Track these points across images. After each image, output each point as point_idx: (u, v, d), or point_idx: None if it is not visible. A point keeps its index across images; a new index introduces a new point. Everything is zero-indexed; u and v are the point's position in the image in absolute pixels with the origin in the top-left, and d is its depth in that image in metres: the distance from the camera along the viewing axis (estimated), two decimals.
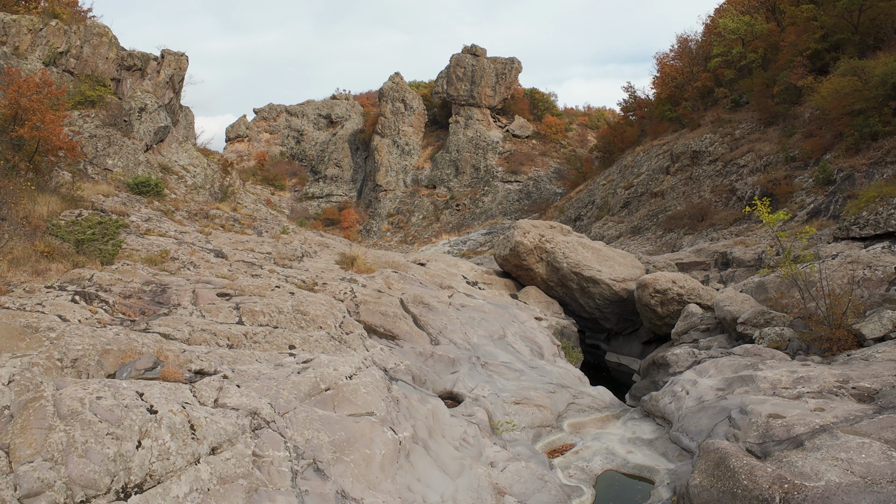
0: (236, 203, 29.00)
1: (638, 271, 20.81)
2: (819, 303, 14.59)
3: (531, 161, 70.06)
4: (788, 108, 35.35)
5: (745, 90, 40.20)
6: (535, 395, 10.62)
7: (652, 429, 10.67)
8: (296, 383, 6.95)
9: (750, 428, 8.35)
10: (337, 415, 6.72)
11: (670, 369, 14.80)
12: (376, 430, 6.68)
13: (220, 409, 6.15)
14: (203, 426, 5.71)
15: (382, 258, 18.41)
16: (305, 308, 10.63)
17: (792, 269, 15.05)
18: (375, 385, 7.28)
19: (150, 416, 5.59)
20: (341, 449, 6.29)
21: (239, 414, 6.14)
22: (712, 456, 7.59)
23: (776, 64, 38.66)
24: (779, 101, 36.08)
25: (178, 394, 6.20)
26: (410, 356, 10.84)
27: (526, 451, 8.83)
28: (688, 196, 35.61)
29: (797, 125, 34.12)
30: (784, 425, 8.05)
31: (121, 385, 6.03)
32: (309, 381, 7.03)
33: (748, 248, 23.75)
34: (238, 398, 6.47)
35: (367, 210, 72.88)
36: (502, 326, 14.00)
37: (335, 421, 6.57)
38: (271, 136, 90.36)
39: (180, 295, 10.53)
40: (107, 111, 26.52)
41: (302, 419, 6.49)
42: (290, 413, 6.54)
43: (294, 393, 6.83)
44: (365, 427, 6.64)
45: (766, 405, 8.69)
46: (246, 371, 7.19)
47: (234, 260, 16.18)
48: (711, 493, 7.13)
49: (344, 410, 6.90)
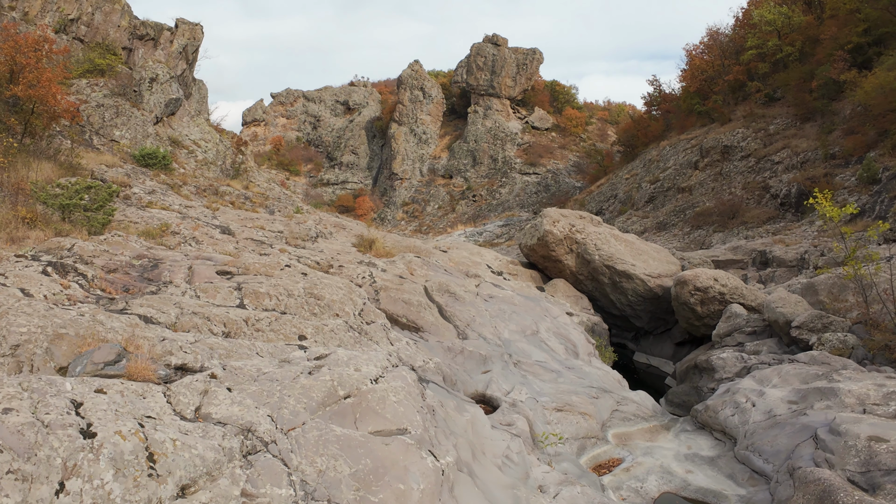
0: (248, 181, 27.80)
1: (674, 267, 19.41)
2: (886, 308, 13.18)
3: (550, 154, 68.44)
4: (827, 104, 33.69)
5: (780, 84, 38.48)
6: (578, 401, 9.30)
7: (710, 444, 9.33)
8: (306, 388, 5.43)
9: (847, 453, 6.99)
10: (360, 433, 5.20)
11: (716, 375, 13.45)
12: (412, 455, 5.09)
13: (201, 425, 4.68)
14: (169, 455, 4.11)
15: (402, 243, 17.13)
16: (320, 291, 9.30)
17: (857, 270, 13.59)
18: (408, 391, 5.80)
19: (83, 441, 3.93)
20: (366, 484, 4.65)
21: (226, 432, 4.57)
22: (812, 488, 6.24)
23: (814, 58, 36.96)
24: (817, 97, 34.43)
25: (139, 403, 4.67)
26: (438, 352, 9.55)
27: (573, 468, 7.53)
28: (717, 192, 34.04)
29: (837, 121, 32.48)
30: (891, 451, 6.70)
31: (55, 388, 4.46)
32: (323, 384, 5.51)
33: (789, 248, 22.26)
34: (228, 407, 4.97)
35: (382, 198, 71.63)
36: (535, 321, 12.69)
37: (358, 443, 5.01)
38: (288, 121, 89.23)
39: (173, 271, 9.25)
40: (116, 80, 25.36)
41: (313, 440, 4.91)
42: (298, 430, 4.99)
43: (303, 401, 5.28)
44: (397, 451, 5.06)
45: (863, 425, 7.33)
46: (241, 369, 5.76)
47: (241, 237, 14.95)
48: None
49: (368, 426, 5.34)
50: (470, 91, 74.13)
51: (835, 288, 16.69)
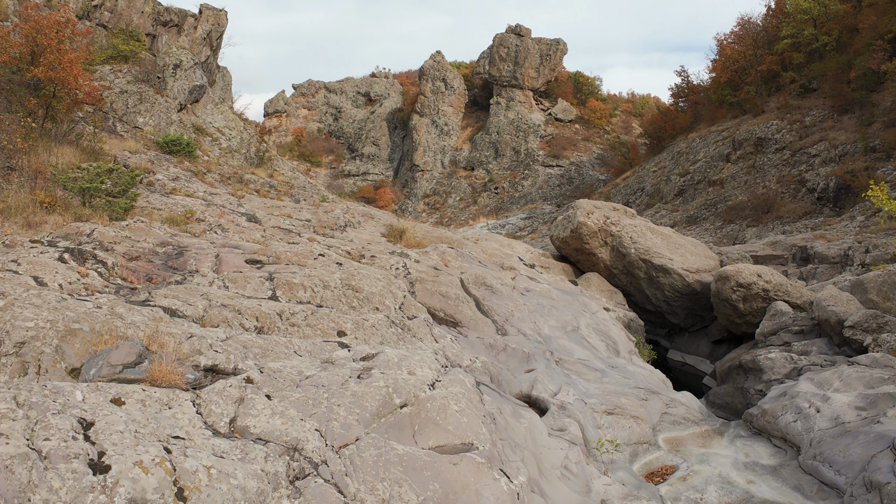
0: (273, 170, 27.47)
1: (712, 262, 18.69)
2: None
3: (573, 146, 67.47)
4: (867, 95, 32.54)
5: (816, 75, 37.33)
6: (628, 404, 8.74)
7: (769, 451, 8.72)
8: (357, 395, 4.73)
9: None
10: (423, 451, 4.48)
11: (763, 376, 12.80)
12: (484, 476, 4.31)
13: (239, 443, 3.94)
14: (203, 489, 3.31)
15: (432, 233, 16.63)
16: (358, 283, 8.82)
17: None
18: (468, 398, 5.12)
19: (93, 478, 3.11)
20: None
21: (269, 451, 3.86)
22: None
23: (852, 47, 35.76)
24: (855, 88, 33.29)
25: (164, 417, 3.92)
26: (479, 349, 9.03)
27: (630, 477, 6.99)
28: (750, 186, 33.07)
29: (876, 113, 31.35)
30: None
31: (61, 400, 3.68)
32: (377, 392, 4.81)
33: (831, 244, 21.38)
34: (268, 419, 4.23)
35: (403, 190, 71.23)
36: (574, 316, 12.13)
37: (423, 463, 4.25)
38: (309, 113, 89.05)
39: (199, 259, 8.79)
40: (140, 67, 25.11)
41: (371, 460, 4.16)
42: (352, 448, 4.25)
43: (355, 412, 4.57)
44: (467, 472, 4.31)
45: None
46: (281, 371, 5.06)
47: (268, 226, 14.55)
48: None
49: (429, 440, 4.65)
50: (492, 82, 73.27)
51: (885, 286, 15.90)
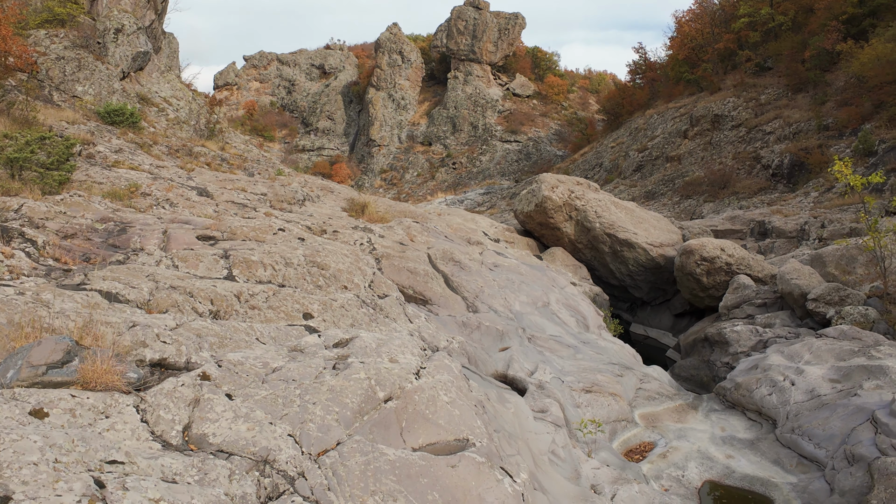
0: (225, 142, 26.21)
1: (675, 236, 18.73)
2: None
3: (531, 121, 67.26)
4: (821, 75, 33.18)
5: (771, 54, 37.85)
6: (604, 381, 8.50)
7: (745, 425, 8.65)
8: (335, 391, 4.05)
9: None
10: (414, 452, 3.85)
11: (730, 348, 12.85)
12: (485, 478, 3.74)
13: (196, 459, 3.23)
14: None
15: (395, 207, 16.06)
16: (323, 260, 8.22)
17: (878, 241, 13.00)
18: (457, 386, 4.51)
19: None
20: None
21: (234, 467, 3.15)
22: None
23: (807, 28, 36.32)
24: (810, 67, 33.89)
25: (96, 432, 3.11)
26: (452, 327, 8.61)
27: (613, 458, 6.74)
28: (707, 162, 33.47)
29: (830, 92, 32.00)
30: None
31: None
32: (358, 385, 4.14)
33: (788, 219, 21.75)
34: (231, 424, 3.53)
35: (360, 165, 69.89)
36: (544, 292, 11.84)
37: (418, 469, 3.62)
38: (261, 86, 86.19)
39: (145, 236, 8.03)
40: (78, 31, 23.40)
41: (358, 469, 3.50)
42: (333, 454, 3.59)
43: (334, 410, 3.89)
44: (467, 475, 3.73)
45: None
46: (243, 364, 4.30)
47: (221, 200, 13.74)
48: None
49: (419, 437, 4.02)
50: (450, 56, 72.17)
51: (843, 259, 16.19)
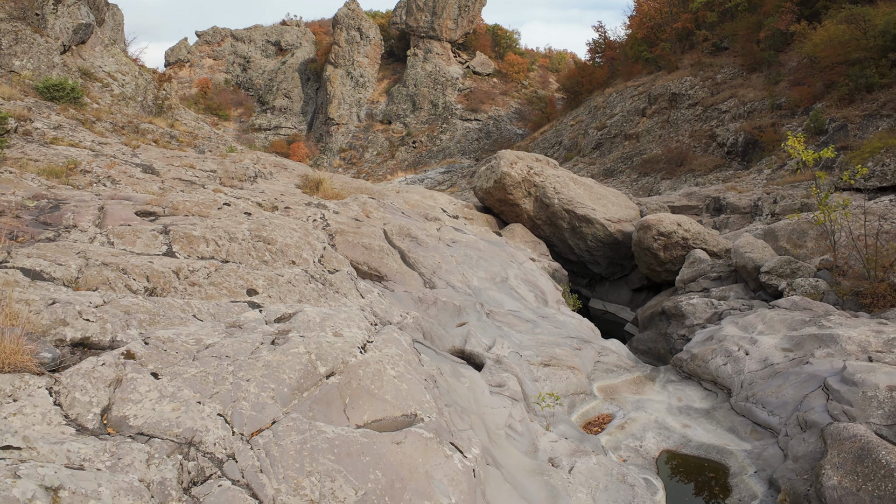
0: (174, 119, 25.22)
1: (632, 212, 18.84)
2: (856, 254, 12.95)
3: (491, 100, 67.02)
4: (775, 55, 33.76)
5: (727, 34, 38.35)
6: (563, 354, 8.43)
7: (701, 395, 8.70)
8: (271, 366, 3.81)
9: (868, 404, 6.39)
10: (357, 428, 3.64)
11: (686, 321, 12.98)
12: (434, 454, 3.59)
13: (110, 443, 2.95)
14: None
15: (351, 184, 15.67)
16: (270, 234, 7.86)
17: (828, 215, 13.25)
18: (406, 360, 4.32)
19: None
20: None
21: (153, 451, 2.91)
22: (849, 446, 5.56)
23: (763, 9, 36.89)
24: (764, 48, 34.46)
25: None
26: (408, 303, 8.38)
27: (572, 430, 6.66)
28: (665, 140, 33.85)
29: (783, 73, 32.62)
30: None
31: None
32: (297, 360, 3.90)
33: (742, 195, 22.15)
34: (155, 406, 3.28)
35: (318, 144, 68.66)
36: (503, 267, 11.70)
37: (360, 447, 3.42)
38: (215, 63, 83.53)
39: (79, 213, 7.52)
40: (14, 2, 22.07)
41: (293, 448, 3.29)
42: (268, 434, 3.38)
43: (271, 387, 3.67)
44: (414, 452, 3.55)
45: (880, 374, 6.75)
46: (173, 341, 4.05)
47: (168, 177, 13.14)
48: (862, 498, 5.12)
49: (363, 414, 3.80)
50: (409, 33, 71.18)
51: (794, 234, 16.54)
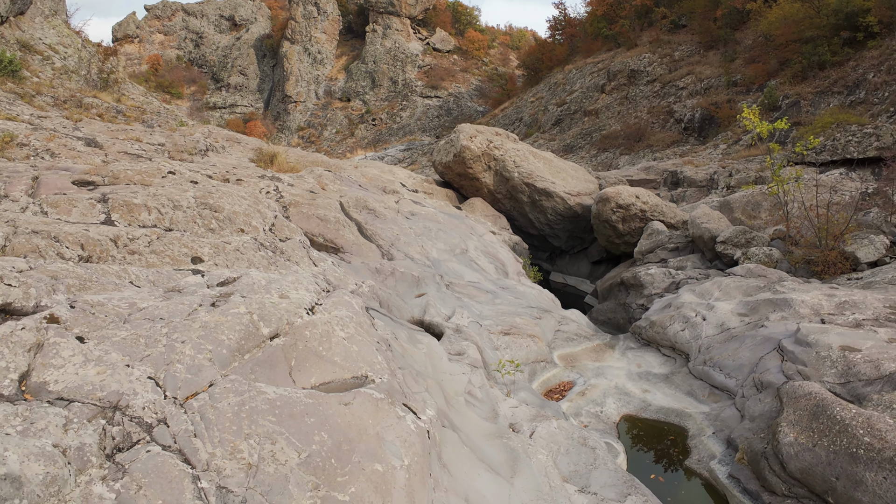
0: (121, 94, 24.17)
1: (592, 185, 18.90)
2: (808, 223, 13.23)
3: (452, 77, 66.41)
4: (731, 33, 34.21)
5: (685, 11, 38.64)
6: (523, 323, 8.35)
7: (660, 361, 8.76)
8: (209, 327, 3.59)
9: (821, 364, 6.47)
10: (303, 391, 3.43)
11: (645, 291, 13.10)
12: (385, 415, 3.45)
13: (23, 408, 2.75)
14: None
15: (307, 157, 15.23)
16: (217, 202, 7.49)
17: (781, 187, 13.50)
18: (357, 322, 4.13)
19: None
20: (328, 475, 2.94)
21: (72, 416, 2.71)
22: (804, 403, 5.60)
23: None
24: (721, 25, 34.85)
25: None
26: (365, 274, 8.15)
27: (532, 397, 6.59)
28: (624, 116, 34.08)
29: (739, 50, 33.08)
30: (869, 360, 6.22)
31: None
32: (237, 320, 3.69)
33: (698, 169, 22.46)
34: (78, 370, 3.05)
35: (276, 123, 67.11)
36: (462, 239, 11.55)
37: (304, 408, 3.25)
38: (166, 38, 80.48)
39: (11, 183, 7.05)
40: None
41: (230, 411, 3.10)
42: (203, 397, 3.18)
43: (208, 349, 3.44)
44: (363, 413, 3.39)
45: (832, 335, 6.85)
46: (103, 305, 3.79)
47: (112, 150, 12.52)
48: (818, 454, 5.16)
49: (311, 376, 3.61)
50: (368, 8, 69.81)
51: (749, 205, 16.87)
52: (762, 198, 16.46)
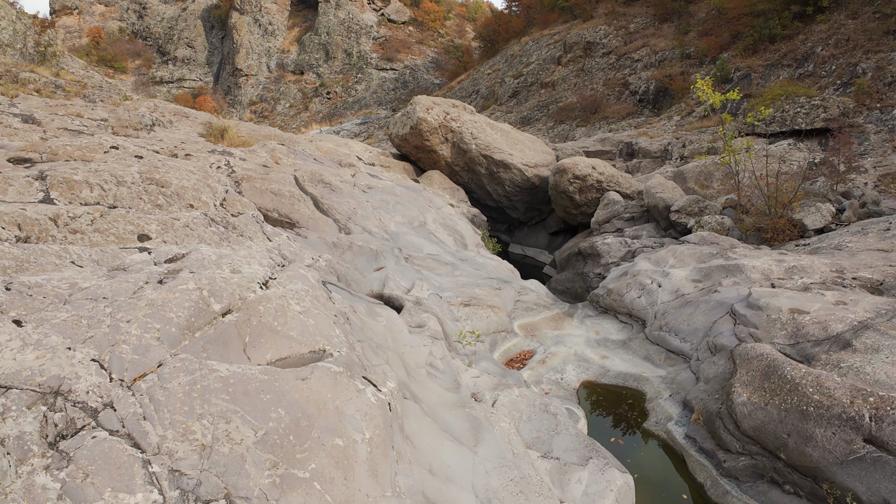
0: (59, 68, 22.98)
1: (549, 157, 18.95)
2: (759, 192, 13.57)
3: (408, 49, 65.45)
4: (685, 6, 34.58)
5: None
6: (483, 294, 8.34)
7: (617, 327, 8.90)
8: (156, 305, 3.42)
9: (772, 326, 6.66)
10: (258, 367, 3.30)
11: (602, 260, 13.27)
12: (344, 388, 3.35)
13: None
14: None
15: (259, 131, 14.79)
16: (164, 177, 7.19)
17: (733, 157, 13.79)
18: (314, 296, 4.01)
19: None
20: (286, 453, 2.87)
21: (9, 403, 2.54)
22: (756, 364, 5.76)
23: None
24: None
25: None
26: (322, 248, 7.98)
27: (494, 367, 6.61)
28: (580, 88, 34.21)
29: (693, 23, 33.46)
30: (817, 322, 6.42)
31: None
32: (186, 297, 3.53)
33: (653, 140, 22.76)
34: (16, 356, 2.86)
35: (226, 97, 65.12)
36: (420, 212, 11.44)
37: (259, 384, 3.13)
38: (107, 9, 76.77)
39: None
40: None
41: (181, 391, 2.96)
42: (152, 378, 3.03)
43: (156, 327, 3.27)
44: (322, 387, 3.28)
45: (782, 298, 7.05)
46: (42, 287, 3.58)
47: (51, 127, 11.89)
48: (770, 412, 5.32)
49: (266, 352, 3.49)
50: None
51: (702, 175, 17.20)
52: (714, 168, 16.81)
